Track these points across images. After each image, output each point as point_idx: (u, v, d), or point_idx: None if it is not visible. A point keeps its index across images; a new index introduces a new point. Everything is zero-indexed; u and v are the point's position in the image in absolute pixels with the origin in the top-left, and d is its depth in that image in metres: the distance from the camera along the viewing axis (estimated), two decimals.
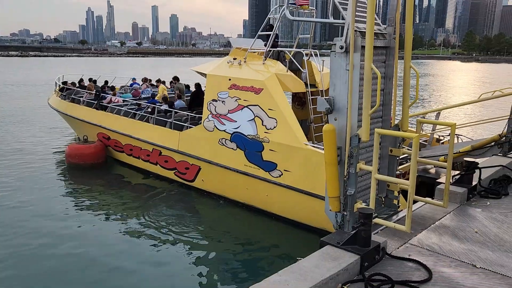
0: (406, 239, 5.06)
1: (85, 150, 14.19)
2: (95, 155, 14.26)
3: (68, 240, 9.21)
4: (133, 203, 11.41)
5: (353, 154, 4.95)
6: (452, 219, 5.78)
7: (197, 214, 11.04)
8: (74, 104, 16.54)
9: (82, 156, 14.08)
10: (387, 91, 5.70)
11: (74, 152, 14.21)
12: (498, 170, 7.55)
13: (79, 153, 14.14)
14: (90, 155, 14.17)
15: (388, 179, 5.30)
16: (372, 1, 4.75)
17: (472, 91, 44.17)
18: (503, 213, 6.03)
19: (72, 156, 14.22)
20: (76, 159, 14.14)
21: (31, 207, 10.94)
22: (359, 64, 4.87)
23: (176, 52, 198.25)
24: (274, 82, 10.10)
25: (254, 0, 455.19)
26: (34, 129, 20.72)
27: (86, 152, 14.15)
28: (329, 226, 5.80)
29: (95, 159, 14.23)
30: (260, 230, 10.10)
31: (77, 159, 14.13)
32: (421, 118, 9.61)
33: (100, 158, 14.44)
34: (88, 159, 14.10)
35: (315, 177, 8.86)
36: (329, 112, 5.10)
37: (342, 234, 4.85)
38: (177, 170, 12.38)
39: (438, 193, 6.34)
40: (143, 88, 17.77)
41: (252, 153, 10.16)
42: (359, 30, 5.01)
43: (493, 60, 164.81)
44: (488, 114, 24.16)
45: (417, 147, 4.64)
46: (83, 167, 14.00)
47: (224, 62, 11.83)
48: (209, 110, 11.09)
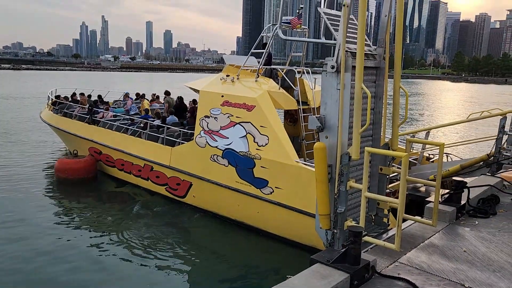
0: (395, 257, 5.08)
1: (75, 164, 13.97)
2: (85, 169, 14.06)
3: (47, 254, 9.08)
4: (120, 219, 11.29)
5: (343, 172, 4.99)
6: (441, 238, 5.81)
7: (187, 230, 10.97)
8: (66, 118, 16.48)
9: (72, 171, 13.86)
10: (377, 110, 5.79)
11: (64, 166, 13.98)
12: (486, 190, 7.64)
13: (68, 167, 13.92)
14: (80, 169, 13.96)
15: (378, 197, 5.35)
16: (363, 23, 4.88)
17: (461, 111, 44.82)
18: (491, 232, 6.09)
19: (61, 170, 13.99)
20: (66, 173, 13.90)
21: (12, 222, 10.73)
22: (350, 83, 4.96)
23: (170, 67, 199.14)
24: (266, 99, 10.19)
25: (248, 17, 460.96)
26: (23, 142, 20.53)
27: (76, 166, 13.94)
28: (320, 243, 5.80)
29: (85, 173, 14.03)
30: (251, 247, 10.05)
31: (66, 173, 13.89)
32: (410, 137, 9.74)
33: (90, 173, 14.26)
34: (78, 174, 13.89)
35: (306, 194, 8.89)
36: (320, 130, 5.16)
37: (332, 252, 4.85)
38: (169, 186, 12.33)
39: (427, 211, 6.40)
40: (128, 105, 17.38)
41: (244, 169, 10.17)
42: (350, 50, 5.12)
43: (481, 80, 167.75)
44: (477, 133, 24.54)
45: (407, 166, 4.70)
46: (72, 182, 13.77)
47: (217, 78, 11.94)
48: (201, 126, 11.13)
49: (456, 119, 23.47)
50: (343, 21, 4.96)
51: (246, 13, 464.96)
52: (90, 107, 15.89)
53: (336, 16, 5.68)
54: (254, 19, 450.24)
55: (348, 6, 4.95)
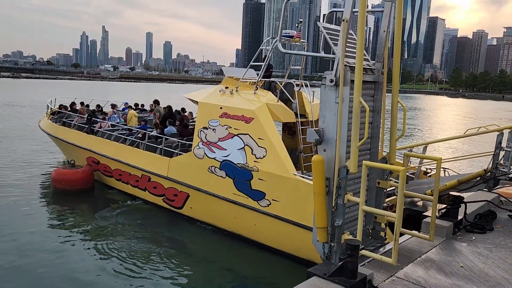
0: (392, 271, 5.07)
1: (72, 175, 13.71)
2: (82, 180, 13.80)
3: (43, 266, 9.00)
4: (115, 230, 11.16)
5: (341, 185, 5.01)
6: (438, 253, 5.81)
7: (183, 242, 10.89)
8: (65, 128, 16.47)
9: (69, 181, 13.60)
10: (375, 124, 5.83)
11: (60, 176, 13.71)
12: (483, 205, 7.65)
13: (65, 178, 13.65)
14: (77, 180, 13.71)
15: (375, 211, 5.35)
16: (361, 38, 4.95)
17: (458, 126, 45.05)
18: (488, 248, 6.09)
19: (58, 181, 13.72)
20: (62, 184, 13.64)
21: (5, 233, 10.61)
22: (348, 97, 5.01)
23: (169, 78, 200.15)
24: (264, 111, 10.24)
25: (248, 30, 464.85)
26: (19, 151, 20.46)
27: (73, 177, 13.68)
28: (316, 257, 5.79)
29: (82, 184, 13.78)
30: (247, 260, 9.99)
31: (63, 184, 13.63)
32: (408, 151, 9.78)
33: (88, 183, 14.02)
34: (75, 185, 13.63)
35: (303, 207, 8.87)
36: (318, 143, 5.20)
37: (329, 265, 4.84)
38: (166, 197, 12.30)
39: (424, 226, 6.39)
40: (109, 114, 16.99)
41: (241, 181, 10.17)
42: (348, 65, 5.18)
43: (478, 96, 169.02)
44: (474, 149, 24.62)
45: (404, 180, 4.72)
46: (69, 192, 13.53)
47: (216, 90, 12.00)
48: (200, 138, 11.15)
49: (454, 134, 23.58)
50: (342, 36, 5.03)
51: (246, 26, 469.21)
52: (89, 116, 15.90)
53: (335, 31, 5.75)
54: (253, 32, 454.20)
55: (347, 21, 5.02)
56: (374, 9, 7.54)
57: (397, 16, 5.54)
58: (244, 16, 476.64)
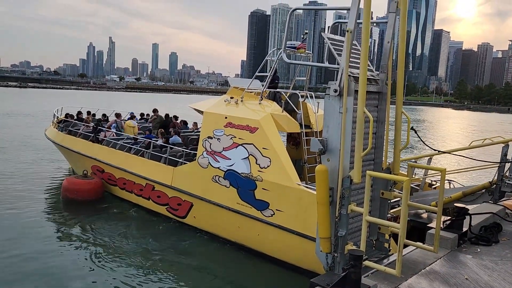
0: (396, 283, 5.03)
1: (84, 185, 13.74)
2: (93, 191, 13.85)
3: (49, 275, 8.98)
4: (120, 241, 11.16)
5: (344, 195, 5.00)
6: (443, 265, 5.76)
7: (186, 252, 10.82)
8: (71, 136, 16.57)
9: (80, 192, 13.62)
10: (379, 135, 5.84)
11: (72, 186, 13.75)
12: (488, 217, 7.60)
13: (77, 188, 13.68)
14: (90, 191, 13.77)
15: (379, 221, 5.33)
16: (366, 48, 4.98)
17: (463, 139, 44.84)
18: (494, 260, 6.03)
19: (69, 190, 13.77)
20: (73, 194, 13.67)
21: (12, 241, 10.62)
22: (352, 107, 5.03)
23: (174, 88, 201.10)
24: (269, 121, 10.27)
25: (253, 41, 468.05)
26: (26, 160, 20.57)
27: (85, 187, 13.72)
28: (320, 268, 5.75)
29: (94, 195, 13.81)
30: (250, 270, 9.93)
31: (74, 194, 13.66)
32: (412, 162, 9.74)
33: (98, 194, 14.05)
34: (86, 195, 13.65)
35: (306, 217, 8.84)
36: (322, 152, 5.20)
37: (332, 275, 4.82)
38: (169, 206, 12.29)
39: (429, 237, 6.36)
40: (109, 123, 16.94)
41: (245, 191, 10.16)
42: (353, 75, 5.21)
43: (484, 109, 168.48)
44: (479, 161, 24.42)
45: (408, 190, 4.71)
46: (78, 202, 13.55)
47: (221, 100, 12.05)
48: (204, 147, 11.18)
49: (458, 146, 23.48)
50: (346, 46, 5.07)
51: (251, 37, 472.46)
52: (94, 125, 16.00)
53: (339, 42, 5.79)
54: (259, 43, 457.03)
55: (352, 32, 5.06)
56: (378, 21, 7.59)
57: (401, 27, 5.58)
58: (249, 27, 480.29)
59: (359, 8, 5.24)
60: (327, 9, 10.71)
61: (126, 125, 16.45)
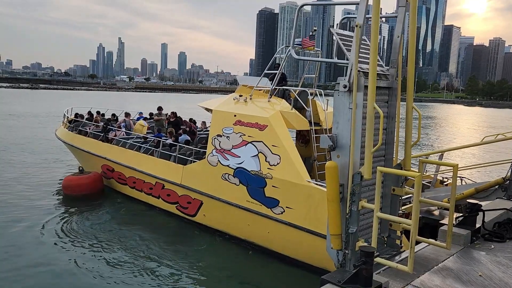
0: (408, 280, 4.97)
1: (80, 180, 14.25)
2: (89, 185, 14.28)
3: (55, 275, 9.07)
4: (125, 238, 11.22)
5: (355, 192, 4.95)
6: (456, 262, 5.68)
7: (195, 250, 10.84)
8: (81, 136, 16.72)
9: (77, 187, 14.12)
10: (390, 131, 5.78)
11: (69, 183, 14.30)
12: (502, 213, 7.48)
13: (73, 184, 14.20)
14: (85, 185, 14.20)
15: (390, 218, 5.27)
16: (375, 43, 4.92)
17: (475, 135, 44.33)
18: (508, 257, 5.93)
19: (67, 187, 14.32)
20: (71, 190, 14.19)
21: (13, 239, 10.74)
22: (362, 103, 4.98)
23: (183, 88, 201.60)
24: (278, 119, 10.24)
25: (261, 40, 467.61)
26: (35, 159, 20.80)
27: (81, 182, 14.20)
28: (330, 265, 5.71)
29: (88, 190, 14.22)
30: (260, 268, 9.92)
31: (72, 190, 14.18)
32: (424, 158, 9.62)
33: (95, 188, 14.46)
34: (83, 190, 14.11)
35: (317, 215, 8.80)
36: (332, 149, 5.16)
37: (343, 272, 4.78)
38: (179, 204, 12.33)
39: (441, 234, 6.28)
40: (118, 123, 17.27)
41: (255, 189, 10.15)
42: (362, 70, 5.15)
43: (496, 105, 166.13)
44: (491, 157, 24.14)
45: (419, 186, 4.65)
46: (79, 198, 13.92)
47: (230, 98, 12.05)
48: (214, 145, 11.19)
49: (470, 142, 23.23)
50: (355, 41, 5.01)
51: (260, 36, 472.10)
52: (104, 125, 16.11)
53: (348, 37, 5.74)
54: (267, 41, 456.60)
55: (361, 27, 5.00)
56: (388, 15, 7.51)
57: (411, 22, 5.51)
58: (258, 26, 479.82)
59: (368, 3, 5.19)
60: (336, 4, 10.51)
61: (138, 124, 16.57)
